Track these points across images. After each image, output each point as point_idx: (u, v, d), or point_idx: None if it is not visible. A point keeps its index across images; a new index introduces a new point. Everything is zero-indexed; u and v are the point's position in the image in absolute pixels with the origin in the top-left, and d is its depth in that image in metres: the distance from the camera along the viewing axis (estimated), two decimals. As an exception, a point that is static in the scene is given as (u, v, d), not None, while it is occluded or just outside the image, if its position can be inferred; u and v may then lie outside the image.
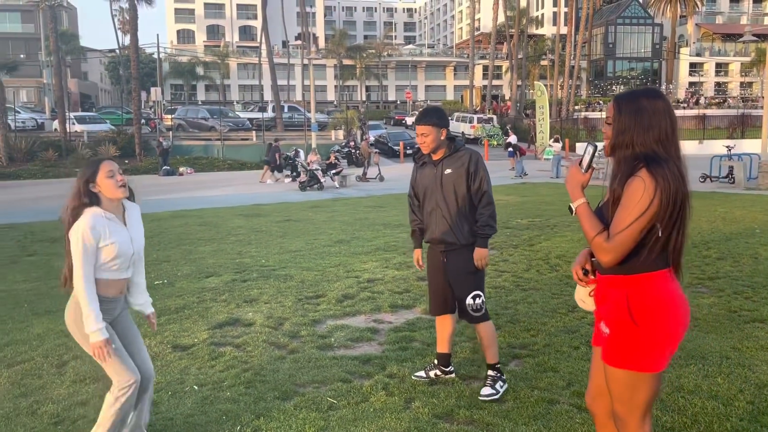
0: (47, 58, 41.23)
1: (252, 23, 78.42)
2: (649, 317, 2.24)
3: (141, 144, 29.66)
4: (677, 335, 2.27)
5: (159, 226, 11.77)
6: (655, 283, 2.26)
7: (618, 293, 2.31)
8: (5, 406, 3.86)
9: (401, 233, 10.35)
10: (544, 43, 63.58)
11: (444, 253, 4.00)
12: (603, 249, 2.23)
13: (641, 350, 2.25)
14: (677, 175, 2.19)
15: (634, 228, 2.17)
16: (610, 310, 2.34)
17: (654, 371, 2.27)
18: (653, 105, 2.26)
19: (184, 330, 5.31)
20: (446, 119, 3.99)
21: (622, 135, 2.27)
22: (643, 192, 2.15)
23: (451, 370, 4.18)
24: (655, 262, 2.25)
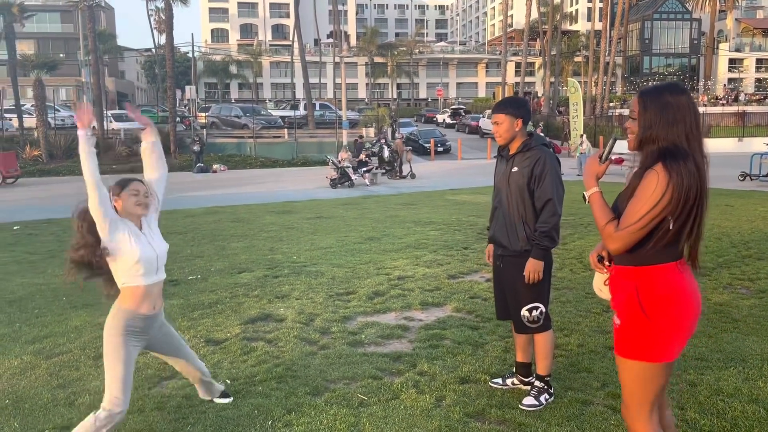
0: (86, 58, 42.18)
1: (284, 22, 79.02)
2: (659, 309, 2.28)
3: (176, 141, 30.14)
4: (687, 327, 2.31)
5: (193, 222, 11.94)
6: (665, 275, 2.29)
7: (628, 284, 2.35)
8: (44, 397, 3.96)
9: (432, 231, 10.32)
10: (578, 39, 62.61)
11: (500, 257, 3.79)
12: (612, 237, 2.29)
13: (651, 341, 2.29)
14: (693, 172, 2.21)
15: (644, 220, 2.22)
16: (621, 301, 2.38)
17: (663, 361, 2.31)
18: (678, 100, 2.29)
19: (217, 325, 5.37)
20: (525, 110, 3.67)
21: (648, 130, 2.31)
22: (656, 185, 2.19)
23: (530, 381, 3.86)
24: (665, 254, 2.29)
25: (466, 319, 5.40)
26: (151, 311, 3.20)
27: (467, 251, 8.44)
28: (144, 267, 3.12)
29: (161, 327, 3.34)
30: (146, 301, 3.17)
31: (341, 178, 19.97)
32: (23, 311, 5.94)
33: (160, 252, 3.22)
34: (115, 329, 3.12)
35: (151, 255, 3.15)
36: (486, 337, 4.90)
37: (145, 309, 3.17)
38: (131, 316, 3.14)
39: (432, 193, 17.40)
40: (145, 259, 3.12)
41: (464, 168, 26.06)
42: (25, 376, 4.30)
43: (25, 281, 7.25)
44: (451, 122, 49.60)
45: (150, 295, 3.18)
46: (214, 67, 65.89)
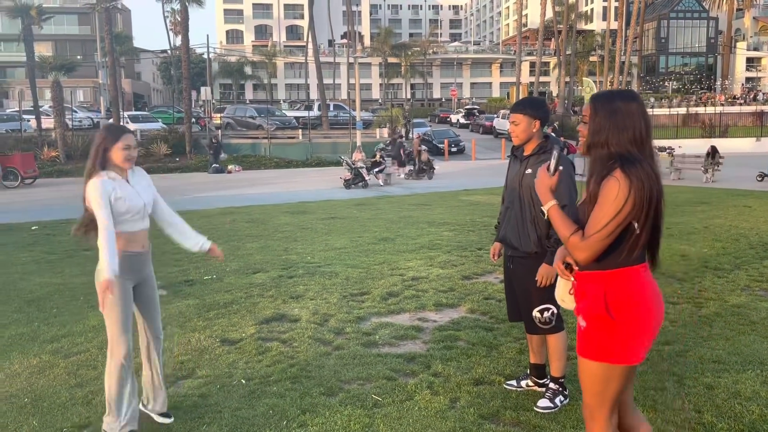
0: (102, 59, 42.61)
1: (299, 23, 79.30)
2: (625, 311, 2.31)
3: (191, 142, 30.36)
4: (652, 329, 2.35)
5: (208, 222, 12.02)
6: (633, 278, 2.33)
7: (596, 289, 2.36)
8: (62, 395, 4.00)
9: (445, 231, 10.30)
10: (594, 39, 62.18)
11: (510, 258, 3.80)
12: (578, 248, 2.30)
13: (616, 343, 2.31)
14: (651, 174, 2.26)
15: (609, 227, 2.24)
16: (587, 304, 2.39)
17: (628, 363, 2.33)
18: (628, 106, 2.33)
19: (232, 325, 5.40)
20: (544, 110, 3.64)
21: (597, 135, 2.34)
22: (618, 192, 2.22)
23: (545, 382, 3.86)
24: (631, 257, 2.32)
25: (481, 321, 5.39)
26: (141, 249, 3.51)
27: (481, 252, 8.42)
28: (131, 214, 3.41)
29: (149, 273, 3.64)
30: (135, 241, 3.47)
31: (355, 179, 20.00)
32: (42, 311, 6.01)
33: (146, 200, 3.52)
34: None
35: (138, 203, 3.45)
36: (500, 339, 4.89)
37: (136, 247, 3.48)
38: (123, 254, 3.36)
39: (446, 193, 17.37)
40: (133, 207, 3.41)
41: (478, 168, 26.00)
42: (44, 375, 4.36)
43: (43, 281, 7.34)
44: (465, 122, 49.47)
45: (137, 237, 3.48)
46: (229, 68, 66.27)
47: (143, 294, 3.59)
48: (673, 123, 39.44)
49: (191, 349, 4.83)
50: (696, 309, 5.60)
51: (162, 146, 29.81)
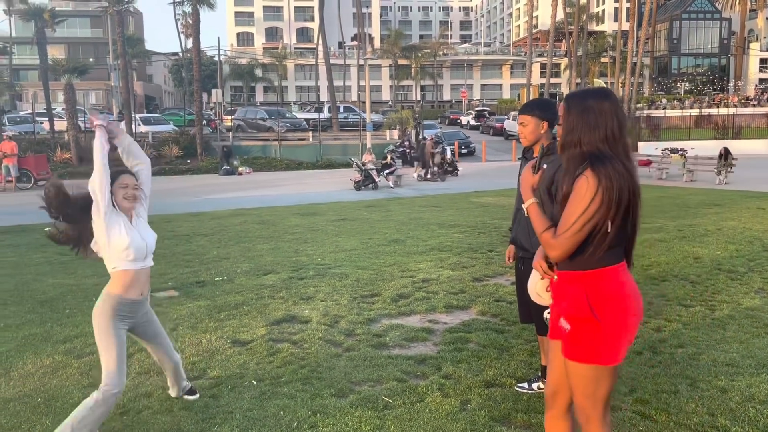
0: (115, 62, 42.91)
1: (309, 25, 79.54)
2: (608, 311, 2.33)
3: (202, 144, 30.49)
4: (635, 327, 2.39)
5: (219, 224, 12.06)
6: (612, 277, 2.35)
7: (576, 289, 2.38)
8: (74, 396, 4.03)
9: (456, 233, 10.28)
10: (605, 40, 61.91)
11: (521, 259, 3.80)
12: (550, 245, 2.34)
13: (603, 343, 2.33)
14: (623, 173, 2.26)
15: (578, 224, 2.27)
16: (569, 305, 2.40)
17: (615, 363, 2.36)
18: (600, 105, 2.34)
19: (243, 326, 5.42)
20: (552, 112, 3.62)
21: (570, 134, 2.36)
22: (586, 190, 2.24)
23: None
24: (609, 257, 2.34)
25: (491, 323, 5.37)
26: (138, 297, 3.45)
27: (492, 254, 8.40)
28: (134, 253, 3.36)
29: (146, 313, 3.59)
30: (135, 286, 3.42)
31: (365, 180, 20.01)
32: (55, 311, 6.06)
33: (149, 241, 3.47)
34: (105, 312, 3.36)
35: (140, 243, 3.39)
36: (511, 341, 4.87)
37: (133, 294, 3.42)
38: (119, 300, 3.38)
39: (456, 195, 17.34)
40: (135, 246, 3.36)
41: (489, 170, 25.95)
42: (57, 375, 4.39)
43: (56, 282, 7.40)
44: (475, 124, 49.37)
45: (138, 280, 3.43)
46: (240, 70, 66.53)
47: (144, 333, 3.63)
48: (685, 124, 39.18)
49: (202, 350, 4.84)
50: (709, 312, 5.55)
51: (173, 148, 29.96)
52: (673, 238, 9.17)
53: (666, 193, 16.28)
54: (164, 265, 8.12)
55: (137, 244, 3.37)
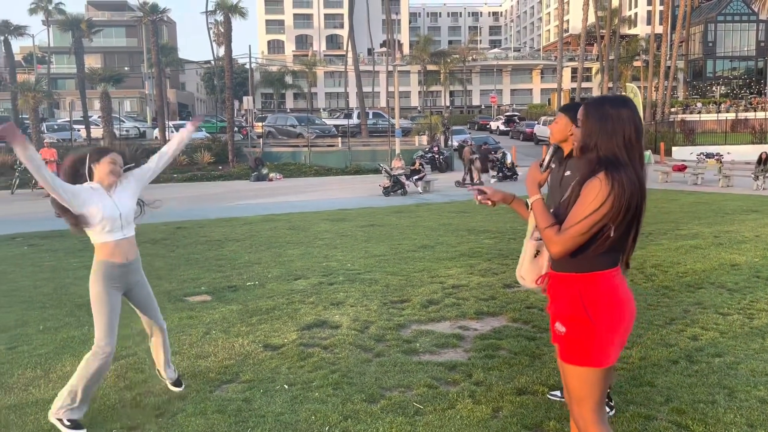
0: (149, 70, 43.79)
1: (339, 32, 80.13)
2: (603, 315, 2.36)
3: (234, 151, 30.91)
4: (626, 332, 2.43)
5: (250, 229, 12.20)
6: (607, 281, 2.39)
7: (571, 291, 2.42)
8: (112, 398, 4.12)
9: (486, 239, 10.23)
10: (638, 44, 61.03)
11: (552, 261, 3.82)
12: (552, 241, 2.38)
13: (598, 347, 2.37)
14: (634, 181, 2.31)
15: (584, 224, 2.31)
16: (564, 307, 2.44)
17: (607, 366, 2.40)
18: (618, 112, 2.38)
19: (274, 330, 5.47)
20: None
21: (588, 139, 2.41)
22: (597, 192, 2.29)
23: None
24: (605, 260, 2.38)
25: (523, 330, 5.33)
26: (123, 261, 3.76)
27: (523, 260, 8.32)
28: (109, 224, 3.65)
29: (138, 280, 3.92)
30: (116, 254, 3.73)
31: (394, 186, 20.03)
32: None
33: (124, 210, 3.73)
34: (97, 280, 3.72)
35: (114, 214, 3.66)
36: (543, 348, 4.82)
37: (118, 259, 3.74)
38: (107, 265, 3.72)
39: (486, 201, 17.22)
40: (109, 217, 3.64)
41: (519, 175, 25.71)
42: (94, 377, 4.48)
43: (93, 285, 7.55)
44: (505, 129, 49.09)
45: (119, 248, 3.74)
46: (271, 77, 67.33)
47: (136, 298, 3.95)
48: (721, 129, 38.33)
49: (235, 353, 4.90)
50: (747, 320, 5.42)
51: (205, 155, 30.44)
52: (710, 245, 8.98)
53: (701, 198, 15.95)
54: (197, 270, 8.25)
55: (110, 213, 3.64)
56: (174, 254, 9.61)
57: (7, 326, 5.84)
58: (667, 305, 5.93)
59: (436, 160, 29.41)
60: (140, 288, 3.95)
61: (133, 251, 3.84)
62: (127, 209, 3.76)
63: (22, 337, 5.48)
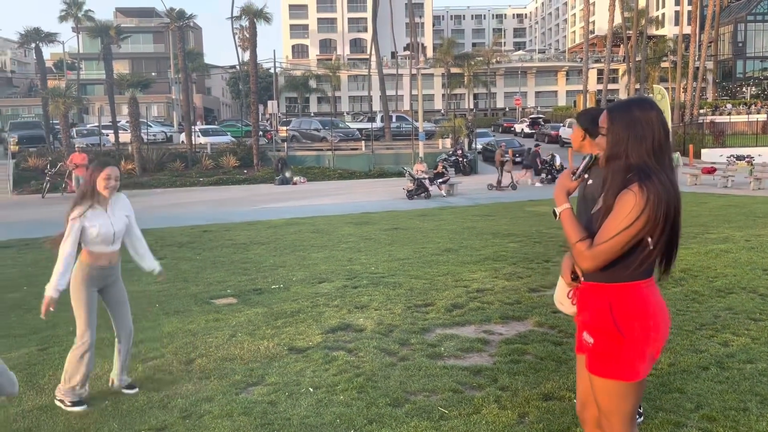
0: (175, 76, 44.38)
1: (362, 36, 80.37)
2: (634, 327, 2.27)
3: (258, 155, 31.16)
4: (660, 343, 2.33)
5: (275, 233, 12.29)
6: (639, 292, 2.29)
7: (601, 301, 2.33)
8: (140, 399, 4.17)
9: (510, 243, 10.15)
10: (665, 44, 60.13)
11: None
12: (583, 256, 2.28)
13: (629, 360, 2.28)
14: (669, 188, 2.21)
15: (618, 239, 2.21)
16: (593, 318, 2.35)
17: (638, 379, 2.31)
18: (647, 116, 2.27)
19: (299, 333, 5.50)
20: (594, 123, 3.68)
21: (616, 146, 2.29)
22: (633, 205, 2.18)
23: None
24: (639, 271, 2.28)
25: (549, 334, 5.28)
26: (106, 264, 4.14)
27: (548, 264, 8.26)
28: (102, 239, 4.05)
29: (116, 281, 4.26)
30: (102, 259, 4.11)
31: (417, 189, 20.01)
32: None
33: (117, 229, 4.12)
34: (79, 281, 4.06)
35: (108, 231, 4.06)
36: (570, 354, 4.76)
37: (102, 263, 4.11)
38: (90, 266, 4.08)
39: (510, 204, 17.13)
40: (104, 234, 4.04)
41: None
42: (123, 378, 4.55)
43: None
44: (529, 132, 48.72)
45: (105, 255, 4.11)
46: (295, 82, 67.75)
47: (110, 297, 4.26)
48: (752, 130, 37.58)
49: (260, 356, 4.94)
50: (781, 326, 5.29)
51: (231, 159, 30.72)
52: (740, 249, 8.80)
53: (732, 201, 15.64)
54: (223, 273, 8.33)
55: (105, 231, 4.04)
56: (200, 257, 9.72)
57: (38, 328, 5.96)
58: (696, 310, 5.82)
59: (459, 163, 29.30)
60: (115, 288, 4.27)
61: (116, 257, 4.22)
62: (120, 228, 4.15)
63: (53, 338, 5.59)
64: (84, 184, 4.13)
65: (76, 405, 4.03)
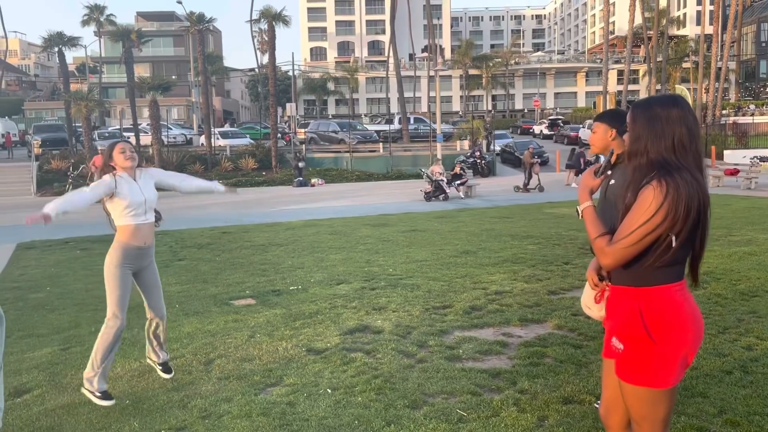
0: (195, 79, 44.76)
1: (380, 38, 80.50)
2: (665, 332, 2.22)
3: (277, 157, 31.34)
4: (691, 349, 2.27)
5: (293, 234, 12.33)
6: (669, 296, 2.24)
7: (630, 306, 2.28)
8: (160, 399, 4.21)
9: (529, 245, 10.09)
10: (687, 44, 59.41)
11: None
12: (603, 252, 2.26)
13: (658, 366, 2.24)
14: (692, 184, 2.16)
15: (636, 234, 2.17)
16: (622, 323, 2.31)
17: (669, 386, 2.26)
18: (667, 113, 2.25)
19: (317, 334, 5.51)
20: (622, 121, 3.44)
21: (636, 143, 2.28)
22: (651, 200, 2.15)
23: None
24: (667, 274, 2.23)
25: (569, 337, 5.23)
26: (142, 244, 4.11)
27: (568, 266, 8.19)
28: (134, 209, 4.03)
29: (150, 264, 4.25)
30: (137, 237, 4.08)
31: (435, 191, 19.97)
32: (141, 317, 6.30)
33: (148, 197, 4.12)
34: (114, 260, 4.06)
35: (139, 199, 4.05)
36: (590, 357, 4.72)
37: (137, 242, 4.09)
38: (126, 246, 4.07)
39: (529, 206, 17.03)
40: (134, 203, 4.02)
41: (563, 180, 25.33)
42: (143, 379, 4.60)
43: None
44: (548, 133, 48.38)
45: (140, 232, 4.09)
46: (313, 84, 68.07)
47: (143, 279, 4.25)
48: (776, 131, 36.97)
49: (279, 357, 4.95)
50: (807, 330, 5.19)
51: (249, 161, 30.94)
52: (765, 251, 8.65)
53: (755, 204, 15.39)
54: (242, 274, 8.38)
55: (135, 199, 4.02)
56: (219, 258, 9.79)
57: (61, 327, 6.05)
58: (719, 314, 5.73)
59: (478, 164, 29.20)
60: (149, 271, 4.26)
61: (151, 236, 4.19)
62: (151, 195, 4.15)
63: (75, 338, 5.67)
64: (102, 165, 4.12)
65: (105, 398, 4.02)
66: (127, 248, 4.07)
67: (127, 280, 4.10)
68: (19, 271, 9.37)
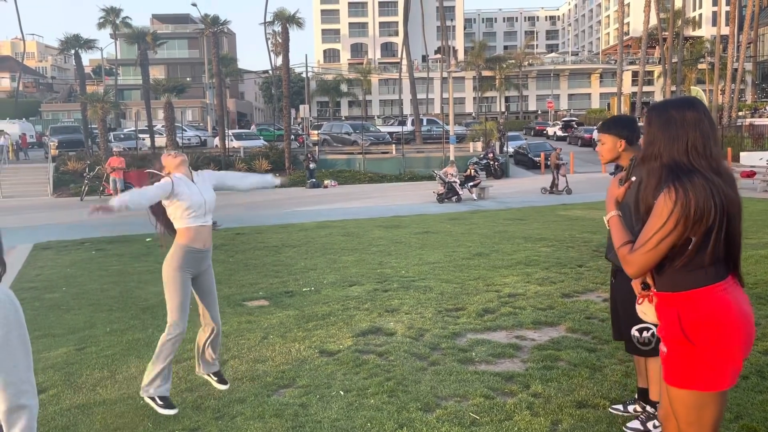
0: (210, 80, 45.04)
1: (393, 39, 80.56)
2: (703, 334, 2.19)
3: (290, 158, 31.44)
4: (738, 351, 2.21)
5: (306, 236, 12.37)
6: (707, 298, 2.20)
7: (669, 311, 2.28)
8: (174, 399, 4.22)
9: (543, 247, 10.04)
10: (702, 45, 58.88)
11: (614, 272, 3.69)
12: (626, 261, 2.28)
13: (701, 369, 2.21)
14: (705, 186, 2.14)
15: (653, 241, 2.17)
16: (664, 328, 2.32)
17: (717, 390, 2.21)
18: (682, 115, 2.24)
19: (330, 336, 5.52)
20: (630, 129, 3.54)
21: (650, 146, 2.28)
22: (663, 206, 2.15)
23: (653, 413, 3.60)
24: (704, 277, 2.20)
25: (582, 341, 5.20)
26: (202, 247, 4.03)
27: (582, 269, 8.14)
28: (194, 211, 3.95)
29: (208, 269, 4.16)
30: (197, 239, 4.00)
31: (448, 193, 19.93)
32: (155, 318, 6.40)
33: (207, 198, 4.05)
34: (174, 263, 3.96)
35: (199, 200, 3.98)
36: (604, 360, 4.68)
37: (198, 245, 4.00)
38: (187, 249, 3.97)
39: (542, 208, 16.95)
40: (195, 203, 3.95)
41: (577, 182, 25.17)
42: (158, 378, 4.62)
43: (157, 290, 7.79)
44: (562, 135, 48.17)
45: (200, 234, 4.01)
46: (326, 86, 68.29)
47: (201, 285, 4.15)
48: (793, 133, 36.46)
49: (292, 358, 4.97)
50: (825, 335, 5.12)
51: (263, 162, 31.06)
52: (782, 255, 8.54)
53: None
54: (255, 276, 8.41)
55: (196, 200, 3.95)
56: (233, 260, 9.84)
57: (76, 327, 6.11)
58: (736, 318, 5.67)
59: (491, 166, 29.10)
60: (207, 276, 4.18)
61: (210, 239, 4.12)
62: (210, 197, 4.08)
63: (90, 338, 5.72)
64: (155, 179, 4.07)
65: (167, 407, 3.92)
66: (188, 251, 3.97)
67: (187, 284, 4.00)
68: (35, 271, 9.47)
